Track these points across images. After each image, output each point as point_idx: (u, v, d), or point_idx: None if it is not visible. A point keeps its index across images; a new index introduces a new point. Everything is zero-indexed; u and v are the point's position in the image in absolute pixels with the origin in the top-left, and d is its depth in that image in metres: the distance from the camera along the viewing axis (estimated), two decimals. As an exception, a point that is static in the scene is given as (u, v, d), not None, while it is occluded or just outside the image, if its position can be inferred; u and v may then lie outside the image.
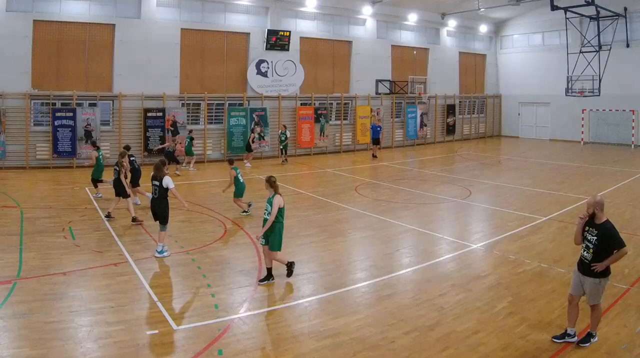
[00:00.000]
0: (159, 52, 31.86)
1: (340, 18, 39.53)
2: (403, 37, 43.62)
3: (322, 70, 39.12)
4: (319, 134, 38.03)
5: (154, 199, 14.39)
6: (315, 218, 18.92)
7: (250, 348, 9.16)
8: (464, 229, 18.14)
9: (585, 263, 9.26)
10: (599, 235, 9.10)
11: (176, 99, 32.82)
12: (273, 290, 12.02)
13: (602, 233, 9.10)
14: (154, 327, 9.84)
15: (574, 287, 9.49)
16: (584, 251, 9.31)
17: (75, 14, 29.79)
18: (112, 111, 31.23)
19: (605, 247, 9.07)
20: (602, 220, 9.21)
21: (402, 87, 41.99)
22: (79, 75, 30.32)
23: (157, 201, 14.26)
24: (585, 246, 9.28)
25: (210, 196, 22.53)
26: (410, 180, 27.69)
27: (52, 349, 8.83)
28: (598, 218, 9.24)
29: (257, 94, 35.57)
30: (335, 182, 27.03)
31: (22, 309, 10.34)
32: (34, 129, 29.10)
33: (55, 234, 15.93)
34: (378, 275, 12.99)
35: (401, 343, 9.37)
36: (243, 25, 35.36)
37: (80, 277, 12.39)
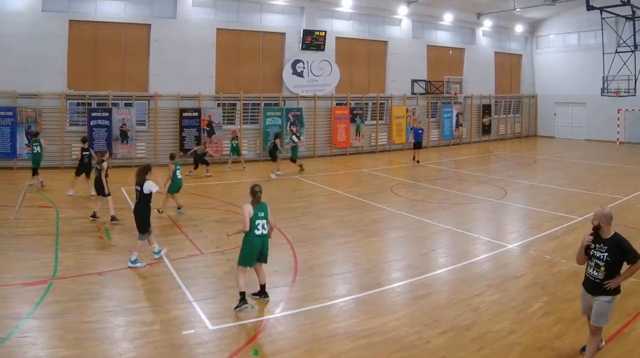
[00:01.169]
0: (195, 52, 30.39)
1: (375, 18, 37.66)
2: (439, 37, 41.59)
3: (358, 70, 37.31)
4: (355, 134, 36.27)
5: (135, 204, 13.31)
6: (351, 218, 18.09)
7: (286, 348, 8.88)
8: (499, 229, 17.41)
9: (596, 283, 8.14)
10: (610, 250, 7.99)
11: (212, 99, 31.38)
12: (308, 290, 11.48)
13: (613, 248, 7.99)
14: (190, 326, 9.57)
15: (585, 308, 8.43)
16: (593, 270, 8.19)
17: (110, 14, 28.51)
18: (147, 111, 29.84)
19: (619, 262, 8.02)
20: (610, 234, 8.09)
21: (438, 87, 40.16)
22: (115, 75, 29.01)
23: (137, 206, 13.18)
24: (595, 265, 8.16)
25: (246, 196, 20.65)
26: (446, 180, 26.42)
27: (88, 349, 8.59)
28: (605, 232, 8.10)
29: (292, 94, 33.96)
30: (371, 182, 25.90)
31: (58, 309, 10.02)
32: (69, 128, 27.83)
33: (91, 234, 15.41)
34: (414, 275, 12.49)
35: (437, 343, 9.04)
36: (278, 25, 33.76)
37: (116, 277, 12.06)
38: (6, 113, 26.16)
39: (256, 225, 10.40)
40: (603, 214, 8.04)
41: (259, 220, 10.44)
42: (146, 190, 12.99)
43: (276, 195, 21.73)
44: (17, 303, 10.30)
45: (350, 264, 13.37)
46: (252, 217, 10.39)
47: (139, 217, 13.12)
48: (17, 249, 13.75)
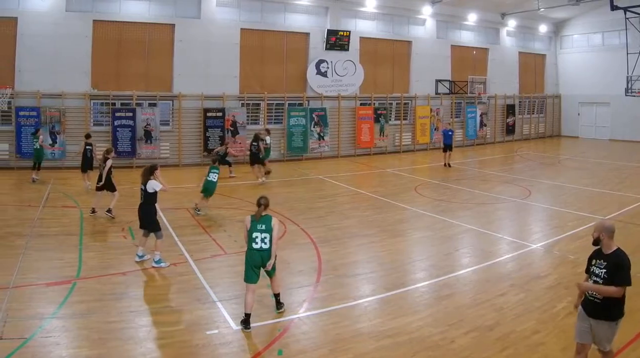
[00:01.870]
0: (219, 52, 29.33)
1: (400, 18, 36.25)
2: (463, 37, 40.01)
3: (382, 70, 35.92)
4: (379, 134, 34.88)
5: (140, 205, 12.94)
6: (374, 218, 17.63)
7: (310, 348, 8.69)
8: (523, 229, 16.93)
9: (596, 304, 7.18)
10: (608, 266, 7.10)
11: (236, 99, 30.24)
12: (333, 290, 11.20)
13: (611, 264, 7.08)
14: (214, 327, 9.35)
15: (582, 333, 7.45)
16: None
17: (135, 14, 27.51)
18: (171, 111, 28.80)
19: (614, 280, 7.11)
20: (611, 249, 7.22)
21: (462, 87, 38.67)
22: (139, 75, 28.03)
23: (142, 206, 12.87)
24: (594, 282, 7.25)
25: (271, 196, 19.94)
26: (470, 180, 25.46)
27: (112, 349, 8.42)
28: (606, 247, 7.26)
29: (316, 94, 32.70)
30: (395, 182, 25.05)
31: (82, 309, 9.83)
32: (93, 128, 26.66)
33: (115, 234, 15.05)
34: (437, 275, 12.21)
35: (461, 343, 8.84)
36: (302, 25, 32.54)
37: (140, 277, 11.86)
38: (30, 113, 25.30)
39: (254, 239, 9.61)
40: (604, 226, 7.25)
41: (257, 233, 9.62)
42: (150, 189, 12.72)
43: (300, 195, 21.30)
44: (41, 304, 10.07)
45: (374, 264, 13.02)
46: (250, 230, 9.68)
47: (146, 217, 12.81)
48: (41, 249, 13.42)
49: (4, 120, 25.41)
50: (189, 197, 19.61)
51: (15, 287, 10.75)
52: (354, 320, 9.79)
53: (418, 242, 15.19)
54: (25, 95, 25.38)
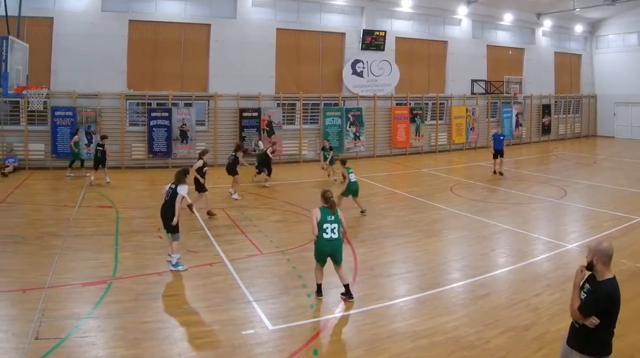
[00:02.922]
0: (255, 52, 27.57)
1: (435, 18, 33.99)
2: (498, 37, 37.50)
3: (418, 70, 33.72)
4: (415, 134, 32.68)
5: (164, 204, 12.00)
6: (410, 218, 16.72)
7: (346, 348, 8.44)
8: (559, 229, 16.07)
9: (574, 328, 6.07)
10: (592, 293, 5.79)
11: (271, 99, 28.43)
12: (368, 290, 10.70)
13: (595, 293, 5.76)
14: (250, 326, 8.94)
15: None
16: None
17: (170, 14, 25.92)
18: (207, 111, 27.15)
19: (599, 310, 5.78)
20: (604, 277, 5.83)
21: (498, 87, 36.15)
22: (175, 75, 26.42)
23: (167, 205, 11.89)
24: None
25: (306, 196, 19.73)
26: (505, 180, 23.78)
27: (147, 349, 8.07)
28: (599, 273, 5.87)
29: (352, 94, 30.70)
30: (431, 182, 23.60)
31: (118, 309, 9.42)
32: (129, 128, 25.38)
33: (151, 234, 14.24)
34: (473, 275, 11.60)
35: (496, 343, 8.43)
36: (338, 25, 30.53)
37: (176, 277, 11.28)
38: (66, 113, 23.87)
39: (324, 229, 9.81)
40: (597, 250, 5.84)
41: (328, 224, 9.82)
42: (182, 192, 11.77)
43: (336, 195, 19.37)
44: (77, 304, 9.65)
45: (410, 264, 12.41)
46: (320, 221, 9.82)
47: (167, 217, 11.80)
48: (77, 249, 12.85)
49: (39, 120, 23.98)
50: (224, 197, 18.86)
51: (51, 287, 10.27)
52: (389, 320, 9.34)
53: (454, 242, 14.42)
54: (61, 95, 23.93)
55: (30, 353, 7.72)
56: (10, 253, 12.46)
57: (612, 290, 5.74)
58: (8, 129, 23.57)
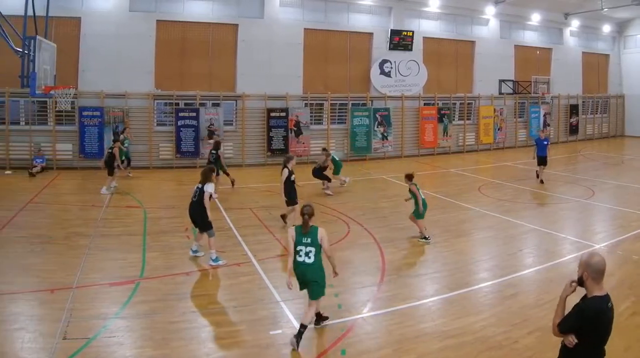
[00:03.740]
0: (282, 52, 26.01)
1: (463, 18, 32.02)
2: (526, 37, 35.34)
3: (445, 70, 31.77)
4: (442, 134, 30.87)
5: (192, 203, 11.66)
6: (438, 218, 15.62)
7: (374, 348, 7.81)
8: (586, 229, 15.30)
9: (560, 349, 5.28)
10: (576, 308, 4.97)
11: (299, 99, 26.85)
12: (396, 290, 10.16)
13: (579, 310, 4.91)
14: (277, 327, 8.42)
15: None
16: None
17: (198, 14, 24.49)
18: (235, 111, 25.67)
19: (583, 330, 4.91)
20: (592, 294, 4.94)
21: (525, 87, 33.97)
22: (202, 75, 24.97)
23: (194, 205, 11.58)
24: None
25: (334, 196, 18.69)
26: (533, 180, 22.29)
27: (175, 349, 7.64)
28: (588, 289, 4.99)
29: (380, 94, 28.97)
30: (459, 182, 22.37)
31: (145, 309, 8.98)
32: (157, 128, 24.00)
33: (178, 234, 13.57)
34: (501, 275, 11.00)
35: (524, 343, 7.83)
36: (366, 25, 28.79)
37: (203, 277, 10.82)
38: (94, 113, 22.58)
39: (297, 251, 8.01)
40: (587, 264, 4.98)
41: (301, 246, 8.00)
42: (210, 189, 11.40)
43: (364, 195, 19.17)
44: (104, 303, 9.22)
45: (437, 264, 11.81)
46: (295, 242, 8.04)
47: (199, 216, 11.47)
48: (105, 249, 12.29)
49: (67, 120, 22.74)
50: (252, 197, 18.11)
51: (79, 286, 9.82)
52: (417, 320, 8.89)
53: (482, 242, 13.73)
54: (89, 95, 22.67)
55: (58, 353, 7.31)
56: (38, 253, 11.79)
57: (597, 309, 4.87)
58: (36, 128, 22.36)
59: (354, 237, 13.86)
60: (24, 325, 8.17)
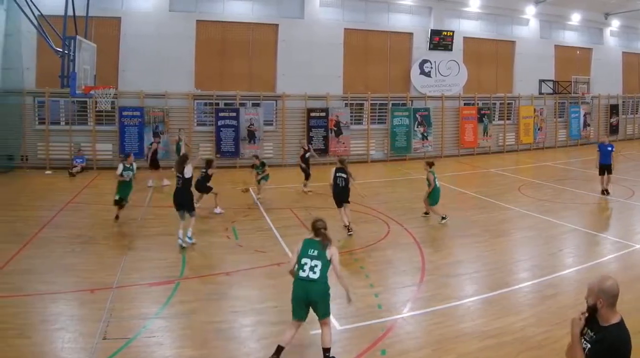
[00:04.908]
0: (322, 52, 23.37)
1: (503, 18, 28.69)
2: (566, 37, 31.68)
3: (485, 70, 28.52)
4: (482, 134, 27.76)
5: (177, 190, 11.26)
6: (478, 218, 14.47)
7: (413, 348, 7.07)
8: (627, 229, 13.73)
9: None
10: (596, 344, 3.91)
11: (339, 99, 24.15)
12: (436, 290, 9.06)
13: (603, 342, 3.88)
14: (317, 326, 6.87)
15: None
16: None
17: (238, 14, 22.06)
18: (275, 111, 23.17)
19: None
20: (610, 322, 3.95)
21: (565, 87, 30.43)
22: (242, 75, 22.50)
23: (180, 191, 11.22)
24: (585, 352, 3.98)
25: (374, 196, 16.75)
26: (573, 180, 20.81)
27: (215, 349, 6.94)
28: (603, 317, 3.97)
29: (420, 94, 26.06)
30: (499, 182, 20.33)
31: (185, 309, 8.15)
32: (197, 128, 21.70)
33: (218, 234, 12.46)
34: (541, 275, 9.84)
35: (564, 344, 5.42)
36: (406, 25, 25.85)
37: (243, 277, 9.85)
38: (134, 113, 20.44)
39: (302, 265, 6.46)
40: (601, 290, 3.94)
41: (307, 258, 6.45)
42: (187, 174, 11.14)
43: (403, 195, 17.64)
44: (144, 304, 8.44)
45: (477, 264, 10.73)
46: (300, 255, 6.52)
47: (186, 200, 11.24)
48: (145, 249, 11.32)
49: (107, 121, 20.62)
50: (292, 197, 16.72)
51: (119, 287, 9.06)
52: (457, 320, 8.05)
53: (521, 242, 12.58)
54: (129, 95, 20.50)
55: (98, 353, 6.75)
56: (78, 253, 10.80)
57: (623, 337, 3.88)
58: (76, 129, 20.26)
59: (394, 236, 12.59)
60: (64, 325, 7.54)
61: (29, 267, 9.82)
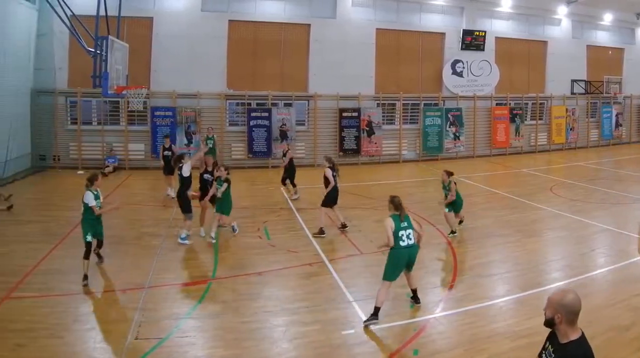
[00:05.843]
0: (354, 52, 21.14)
1: (535, 18, 25.98)
2: (598, 37, 28.72)
3: (517, 70, 25.80)
4: (514, 134, 25.12)
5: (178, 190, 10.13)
6: (510, 218, 13.18)
7: (446, 348, 6.44)
8: None
9: None
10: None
11: (371, 99, 21.85)
12: (468, 290, 8.22)
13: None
14: (349, 327, 6.88)
15: None
16: None
17: (270, 14, 20.01)
18: (307, 111, 21.00)
19: None
20: (569, 338, 3.36)
21: (597, 87, 27.49)
22: (274, 75, 20.43)
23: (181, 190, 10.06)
24: None
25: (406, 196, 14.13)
26: (605, 180, 18.77)
27: (247, 349, 6.33)
28: (561, 333, 3.40)
29: (452, 94, 23.64)
30: (531, 182, 18.48)
31: (217, 309, 7.42)
32: (229, 128, 19.73)
33: (250, 234, 11.23)
34: (573, 275, 8.85)
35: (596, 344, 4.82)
36: (438, 25, 23.43)
37: (275, 277, 8.84)
38: (166, 113, 18.59)
39: (400, 237, 6.97)
40: (560, 304, 3.33)
41: (402, 231, 6.99)
42: (185, 173, 10.05)
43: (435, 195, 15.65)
44: (176, 304, 7.63)
45: (509, 264, 9.63)
46: (395, 229, 6.95)
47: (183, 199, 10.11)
48: (176, 249, 10.20)
49: (139, 121, 18.81)
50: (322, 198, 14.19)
51: (151, 287, 8.17)
52: (489, 320, 7.22)
53: (553, 242, 11.37)
54: (161, 95, 18.64)
55: (130, 353, 6.06)
56: (110, 253, 9.65)
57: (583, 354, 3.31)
58: (108, 129, 18.51)
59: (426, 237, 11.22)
60: (96, 325, 6.93)
61: (61, 266, 8.99)
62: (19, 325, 6.72)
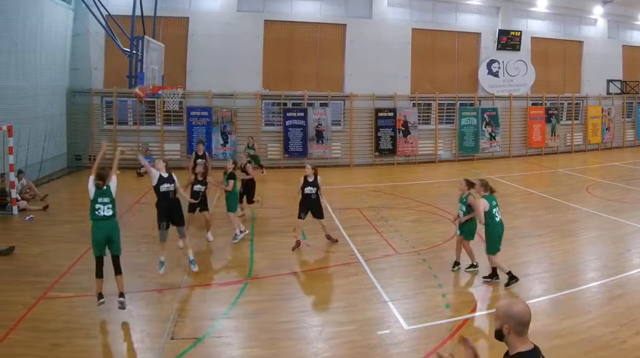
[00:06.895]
0: (390, 52, 18.78)
1: (571, 18, 23.06)
2: (634, 36, 25.44)
3: (553, 70, 22.91)
4: (550, 134, 22.40)
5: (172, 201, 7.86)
6: (546, 218, 11.60)
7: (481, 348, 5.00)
8: None
9: None
10: None
11: (407, 99, 19.43)
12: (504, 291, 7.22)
13: None
14: (385, 327, 6.17)
15: None
16: None
17: (306, 14, 17.82)
18: (343, 111, 18.68)
19: None
20: (516, 350, 2.64)
21: (633, 87, 24.36)
22: (310, 75, 18.23)
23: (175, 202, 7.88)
24: None
25: (442, 196, 13.68)
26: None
27: (283, 349, 5.70)
28: (510, 345, 2.66)
29: (488, 94, 21.01)
30: (566, 182, 16.73)
31: (253, 309, 6.63)
32: (265, 128, 17.64)
33: (286, 234, 9.85)
34: (609, 275, 7.78)
35: (632, 344, 5.61)
36: (474, 25, 20.81)
37: (311, 277, 7.96)
38: (202, 113, 16.61)
39: (494, 214, 6.96)
40: (507, 314, 2.68)
41: (495, 208, 7.05)
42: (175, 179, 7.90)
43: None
44: (212, 304, 6.84)
45: (545, 264, 8.44)
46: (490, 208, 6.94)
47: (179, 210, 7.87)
48: (212, 249, 9.06)
49: (175, 120, 16.92)
50: (360, 197, 13.54)
51: (186, 287, 7.27)
52: None
53: (589, 242, 9.97)
54: (196, 95, 16.67)
55: (165, 353, 5.44)
56: (145, 253, 8.78)
57: None
58: (144, 128, 16.60)
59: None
60: (131, 325, 6.09)
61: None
62: (54, 325, 6.05)
